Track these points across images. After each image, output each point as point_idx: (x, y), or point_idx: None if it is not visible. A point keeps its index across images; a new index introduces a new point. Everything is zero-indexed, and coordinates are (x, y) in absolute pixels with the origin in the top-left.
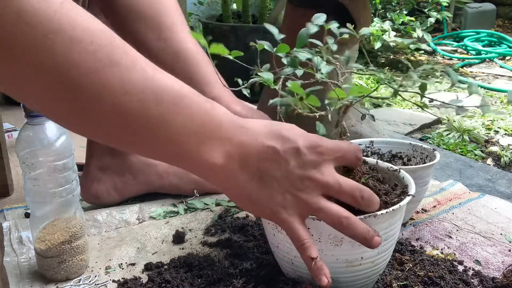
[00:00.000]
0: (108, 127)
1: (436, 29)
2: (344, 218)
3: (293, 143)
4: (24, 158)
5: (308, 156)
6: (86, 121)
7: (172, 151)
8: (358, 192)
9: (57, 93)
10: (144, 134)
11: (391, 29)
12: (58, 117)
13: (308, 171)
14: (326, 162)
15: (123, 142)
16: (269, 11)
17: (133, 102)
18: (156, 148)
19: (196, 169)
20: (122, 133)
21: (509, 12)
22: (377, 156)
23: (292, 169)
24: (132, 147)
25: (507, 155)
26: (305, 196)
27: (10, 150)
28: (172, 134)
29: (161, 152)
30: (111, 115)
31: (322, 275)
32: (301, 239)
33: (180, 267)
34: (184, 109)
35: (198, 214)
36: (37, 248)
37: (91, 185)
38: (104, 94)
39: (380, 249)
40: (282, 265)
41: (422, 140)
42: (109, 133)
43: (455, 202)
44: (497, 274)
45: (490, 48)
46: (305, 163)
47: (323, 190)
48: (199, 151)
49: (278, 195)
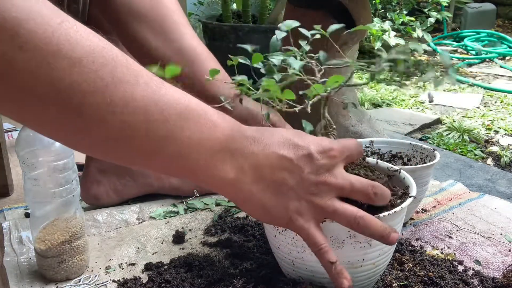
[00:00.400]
0: (115, 146)
1: (436, 29)
2: (360, 218)
3: (305, 150)
4: (24, 158)
5: (321, 161)
6: (92, 141)
7: (182, 166)
8: (370, 189)
9: (60, 115)
10: (152, 150)
11: (391, 29)
12: (62, 139)
13: (322, 175)
14: (338, 164)
15: (132, 160)
16: (269, 11)
17: (139, 119)
18: (166, 164)
19: (208, 183)
20: (130, 151)
21: (509, 12)
22: (377, 156)
23: (306, 176)
24: (142, 164)
25: (507, 155)
26: (320, 201)
27: (10, 150)
28: (181, 149)
29: (171, 167)
30: (117, 133)
31: (342, 278)
32: (318, 244)
33: (180, 267)
34: (192, 123)
35: (198, 214)
36: (37, 248)
37: (90, 186)
38: (108, 113)
39: (382, 251)
40: (282, 265)
41: (422, 140)
42: (116, 152)
43: (455, 202)
44: (497, 274)
45: (490, 48)
46: (319, 168)
47: (337, 192)
48: (209, 165)
49: (294, 203)
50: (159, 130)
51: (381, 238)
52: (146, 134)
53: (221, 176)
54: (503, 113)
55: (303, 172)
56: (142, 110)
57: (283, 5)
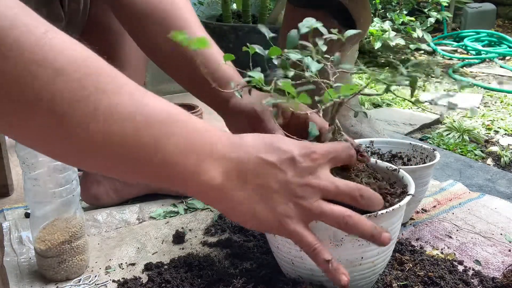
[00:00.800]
0: (99, 156)
1: (436, 29)
2: (348, 217)
3: (288, 154)
4: (24, 158)
5: (304, 164)
6: (75, 151)
7: (168, 175)
8: (357, 191)
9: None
10: (138, 160)
11: (391, 29)
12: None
13: (305, 178)
14: (322, 166)
15: (117, 170)
16: (269, 11)
17: (123, 129)
18: (152, 173)
19: (195, 190)
20: (114, 161)
21: (509, 12)
22: (377, 156)
23: (290, 179)
24: (128, 174)
25: (507, 155)
26: (306, 203)
27: (10, 150)
28: (166, 158)
29: (158, 176)
30: (100, 143)
31: (340, 274)
32: (311, 245)
33: (180, 267)
34: (177, 131)
35: (198, 214)
36: (37, 248)
37: (90, 186)
38: (91, 122)
39: (380, 249)
40: (282, 265)
41: (422, 140)
42: (101, 162)
43: (455, 202)
44: (497, 274)
45: (490, 48)
46: (302, 171)
47: (322, 194)
48: (195, 172)
49: (281, 206)
50: (144, 139)
51: (372, 238)
52: (130, 143)
53: (207, 182)
54: (503, 113)
55: (287, 175)
56: (127, 119)
57: (283, 5)
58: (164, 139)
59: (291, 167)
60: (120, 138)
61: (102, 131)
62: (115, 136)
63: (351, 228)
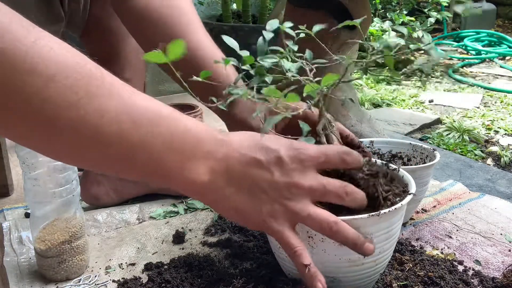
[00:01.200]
0: (91, 156)
1: (436, 29)
2: (333, 223)
3: (276, 153)
4: (24, 158)
5: (291, 165)
6: (68, 152)
7: (157, 172)
8: (342, 189)
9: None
10: (127, 158)
11: (391, 29)
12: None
13: (292, 178)
14: (309, 169)
15: (108, 167)
16: (269, 11)
17: (113, 130)
18: (141, 170)
19: (183, 188)
20: (106, 160)
21: (509, 12)
22: (377, 156)
23: (277, 179)
24: (118, 172)
25: (507, 155)
26: (293, 205)
27: (10, 150)
28: (154, 155)
29: (147, 173)
30: (92, 145)
31: (317, 281)
32: (293, 247)
33: (180, 267)
34: (164, 129)
35: (198, 214)
36: (37, 248)
37: (90, 186)
38: (81, 125)
39: (382, 248)
40: (283, 265)
41: (422, 140)
42: (92, 161)
43: (455, 202)
44: (497, 274)
45: (490, 48)
46: (289, 171)
47: (310, 195)
48: (183, 170)
49: (267, 206)
50: (133, 137)
51: (355, 247)
52: (120, 143)
53: (195, 179)
54: (503, 113)
55: (274, 175)
56: (115, 120)
57: (283, 5)
58: (150, 139)
59: (277, 166)
60: (110, 139)
61: (92, 132)
62: (105, 138)
63: (335, 234)
